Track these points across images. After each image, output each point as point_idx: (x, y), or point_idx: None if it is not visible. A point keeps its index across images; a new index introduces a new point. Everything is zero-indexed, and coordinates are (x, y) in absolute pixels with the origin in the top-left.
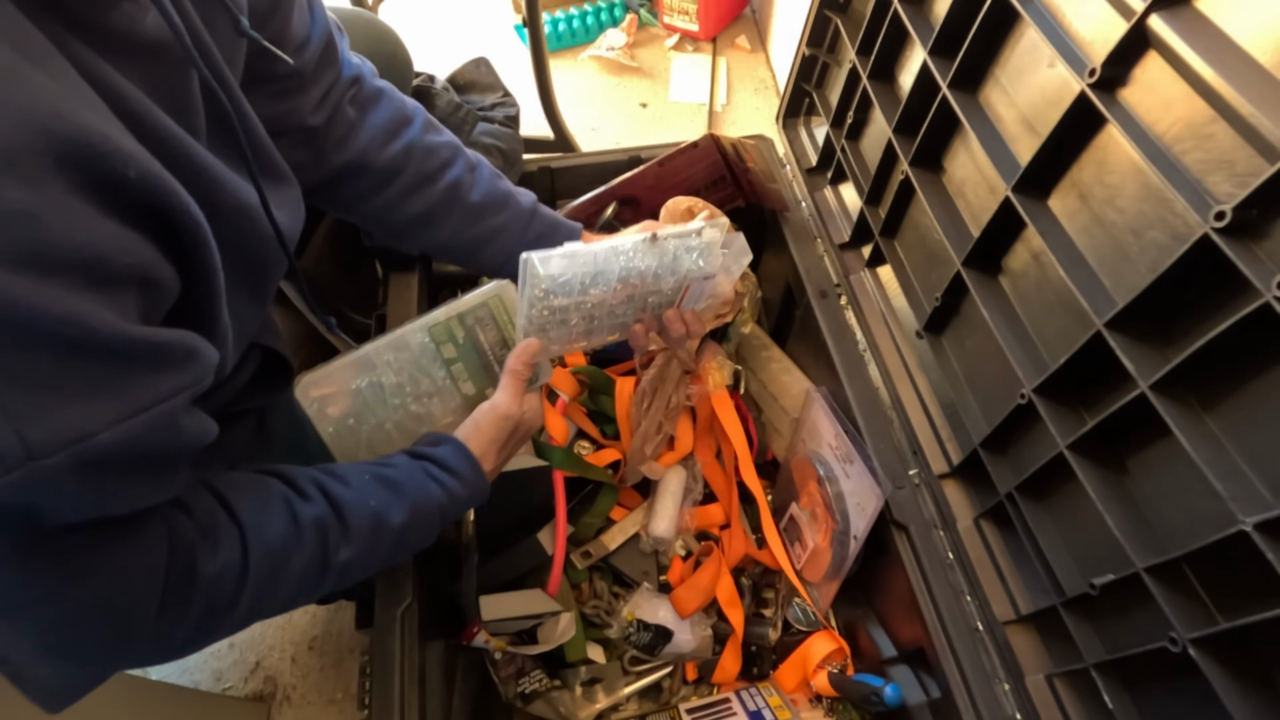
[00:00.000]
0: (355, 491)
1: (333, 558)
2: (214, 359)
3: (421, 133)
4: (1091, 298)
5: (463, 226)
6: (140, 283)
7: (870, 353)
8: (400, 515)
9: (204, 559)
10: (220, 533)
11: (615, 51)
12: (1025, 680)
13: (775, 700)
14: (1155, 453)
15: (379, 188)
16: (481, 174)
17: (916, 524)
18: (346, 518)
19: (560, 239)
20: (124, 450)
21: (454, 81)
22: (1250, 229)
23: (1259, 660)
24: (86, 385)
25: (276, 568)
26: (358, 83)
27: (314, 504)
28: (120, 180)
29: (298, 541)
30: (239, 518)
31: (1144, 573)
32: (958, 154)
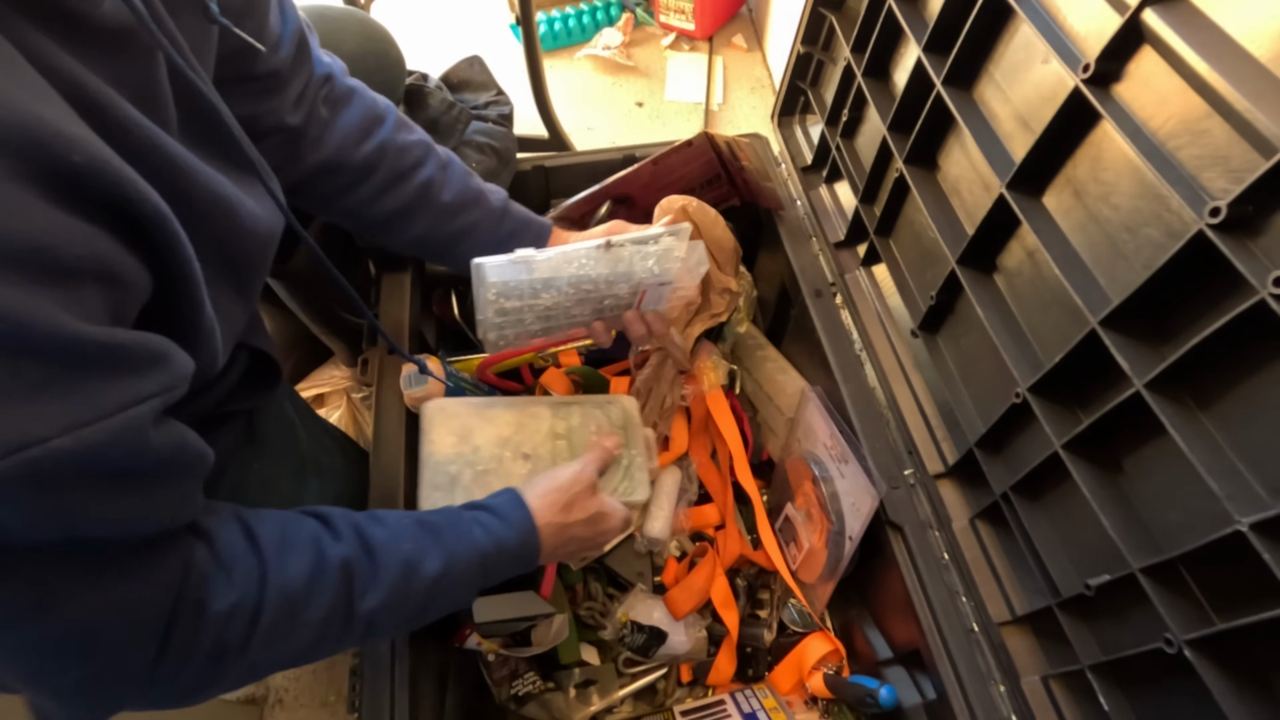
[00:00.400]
0: (390, 533)
1: (358, 604)
2: (187, 366)
3: (394, 131)
4: (1086, 296)
5: (435, 224)
6: (99, 278)
7: (865, 352)
8: (435, 564)
9: (216, 594)
10: (237, 567)
11: (611, 50)
12: (1021, 682)
13: (770, 702)
14: (1151, 452)
15: (353, 186)
16: (453, 172)
17: (911, 524)
18: (377, 560)
19: (531, 236)
20: (86, 461)
21: (447, 80)
22: (1246, 225)
23: (1256, 661)
24: (28, 387)
25: (295, 610)
26: (329, 81)
27: (344, 544)
28: (66, 167)
29: (320, 583)
30: (261, 552)
31: (1139, 573)
32: (952, 151)
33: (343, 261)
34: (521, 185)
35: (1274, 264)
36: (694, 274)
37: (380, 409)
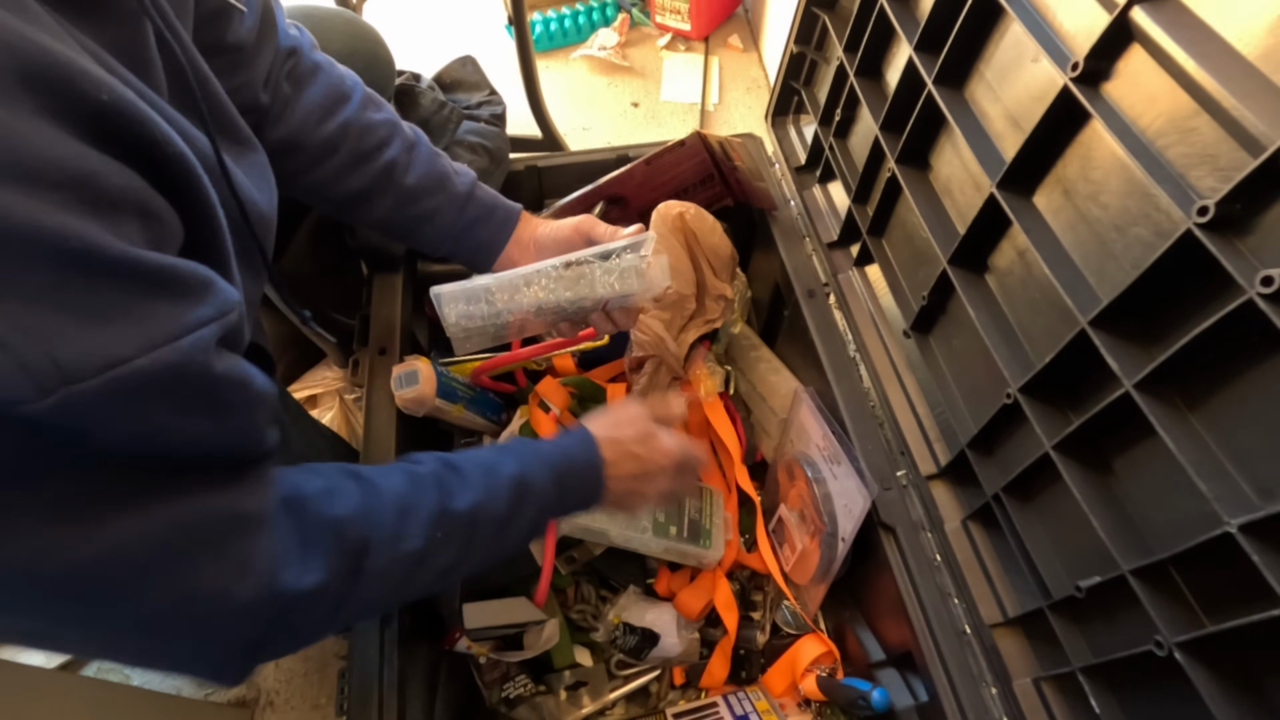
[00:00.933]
0: (465, 454)
1: (454, 501)
2: (234, 294)
3: (359, 110)
4: (1076, 295)
5: (397, 207)
6: (139, 212)
7: (858, 352)
8: (512, 465)
9: (332, 504)
10: (342, 485)
11: (607, 51)
12: (1012, 684)
13: (763, 705)
14: (1140, 453)
15: (313, 165)
16: (419, 154)
17: (904, 525)
18: (460, 467)
19: (496, 223)
20: (164, 380)
21: (440, 80)
22: (1234, 224)
23: (1245, 664)
24: (107, 309)
25: (404, 511)
26: (294, 55)
27: (427, 464)
28: (95, 105)
29: (419, 489)
30: (359, 474)
31: (1129, 575)
32: (944, 151)
33: (335, 261)
34: (515, 185)
35: (1262, 263)
36: (654, 290)
37: (371, 410)
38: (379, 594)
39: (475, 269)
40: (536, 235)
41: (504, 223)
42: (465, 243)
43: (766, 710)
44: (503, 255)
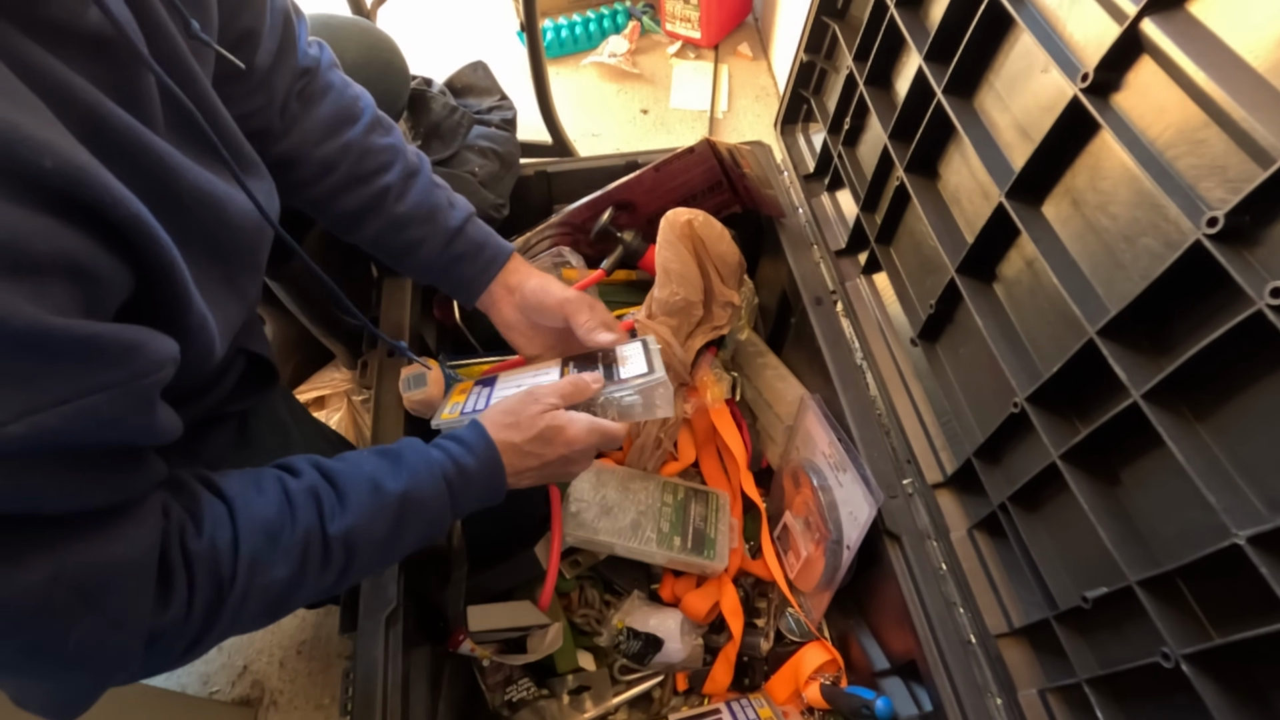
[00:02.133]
0: (350, 464)
1: (330, 525)
2: (165, 352)
3: (364, 133)
4: (1084, 305)
5: (386, 233)
6: (69, 273)
7: (865, 360)
8: (398, 481)
9: (191, 537)
10: (208, 510)
11: (617, 58)
12: (1018, 695)
13: (766, 712)
14: (1148, 463)
15: (309, 182)
16: (417, 183)
17: (909, 534)
18: (340, 484)
19: (482, 263)
20: (36, 445)
21: (451, 85)
22: (1243, 236)
23: (1253, 677)
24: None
25: (272, 537)
26: (308, 75)
27: (304, 477)
28: (34, 170)
29: (290, 511)
30: (225, 495)
31: (1137, 586)
32: (953, 160)
33: (344, 264)
34: (525, 190)
35: (1271, 275)
36: (655, 416)
37: (379, 411)
38: (248, 618)
39: (459, 302)
40: (523, 287)
41: (489, 263)
42: (448, 277)
43: (769, 717)
44: (486, 295)
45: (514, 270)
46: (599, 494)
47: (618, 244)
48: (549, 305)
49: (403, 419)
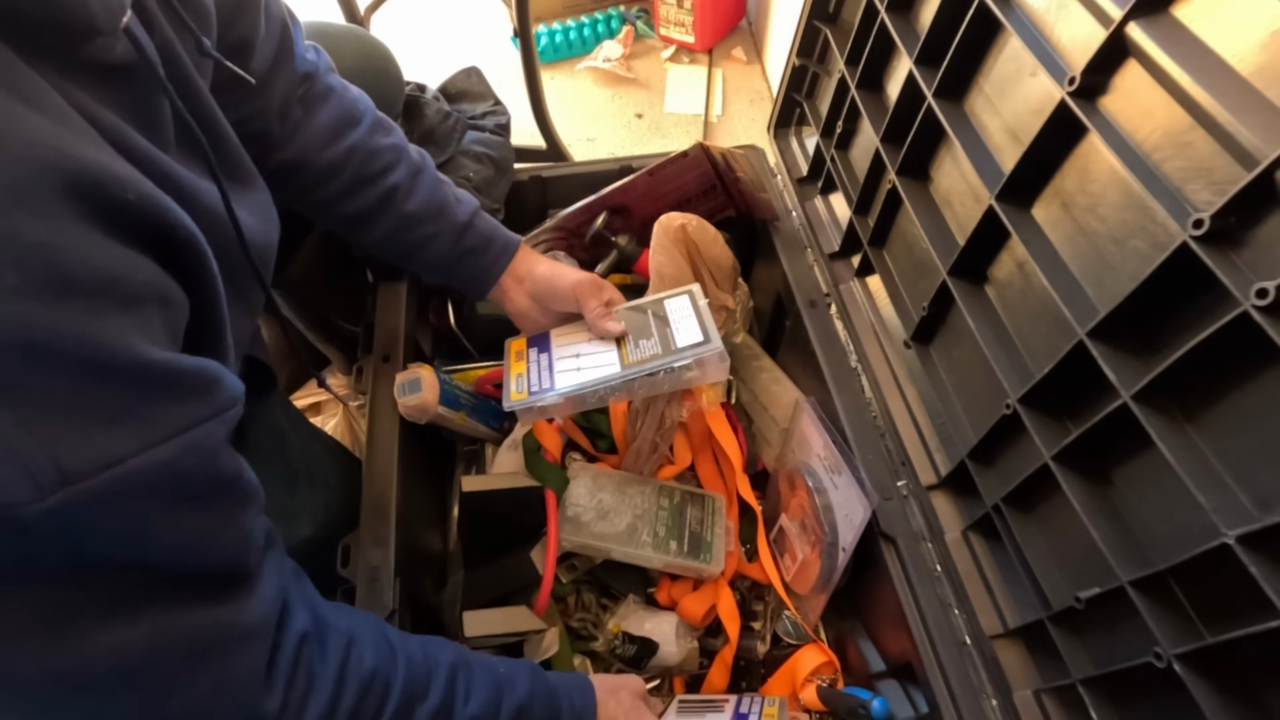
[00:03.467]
0: (485, 657)
1: (459, 709)
2: (238, 388)
3: (367, 135)
4: (1074, 307)
5: (395, 231)
6: (159, 302)
7: (859, 363)
8: (523, 690)
9: (357, 656)
10: (377, 639)
11: (611, 63)
12: (1013, 696)
13: (772, 710)
14: (1139, 464)
15: (317, 185)
16: (423, 180)
17: (904, 536)
18: (475, 670)
19: (491, 255)
20: (156, 478)
21: (445, 91)
22: (1229, 237)
23: (1244, 675)
24: (113, 411)
25: (415, 695)
26: (308, 80)
27: (447, 650)
28: (121, 204)
29: (436, 672)
30: (389, 634)
31: (1129, 586)
32: (944, 163)
33: (339, 270)
34: (519, 195)
35: (1257, 276)
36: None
37: (374, 416)
38: None
39: (469, 297)
40: (533, 275)
41: (499, 255)
42: (459, 272)
43: (773, 716)
44: (497, 287)
45: (522, 259)
46: (595, 498)
47: (612, 248)
48: (561, 290)
49: (398, 424)
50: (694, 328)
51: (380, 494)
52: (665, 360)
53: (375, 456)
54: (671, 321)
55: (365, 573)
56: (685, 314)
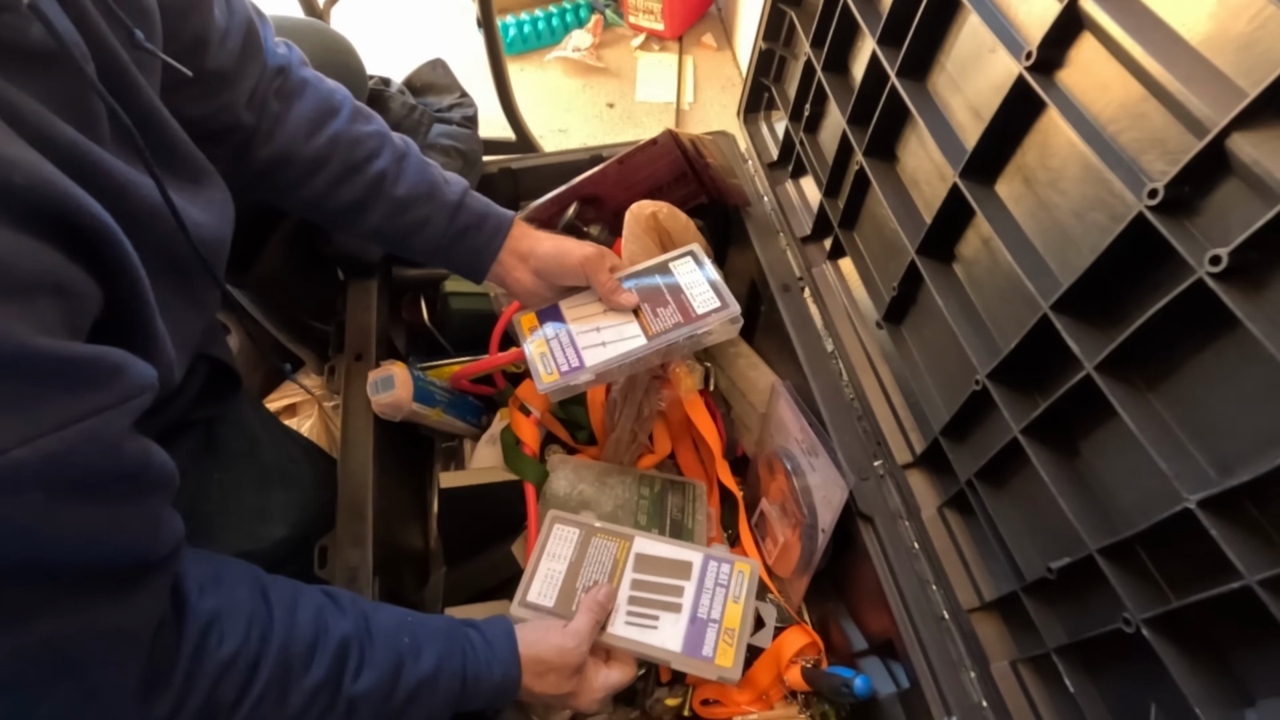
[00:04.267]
0: (393, 623)
1: (348, 684)
2: (147, 377)
3: (348, 123)
4: (1038, 281)
5: (389, 217)
6: (52, 291)
7: (833, 345)
8: (427, 664)
9: (223, 638)
10: (245, 615)
11: (581, 53)
12: (990, 667)
13: (744, 565)
14: (1104, 434)
15: (305, 179)
16: (409, 164)
17: (881, 515)
18: (376, 645)
19: (487, 232)
20: (43, 472)
21: (410, 84)
22: (1183, 206)
23: (1210, 638)
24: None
25: (290, 674)
26: (283, 73)
27: (348, 620)
28: (6, 187)
29: (320, 650)
30: (273, 606)
31: (1097, 554)
32: (910, 143)
33: (309, 269)
34: (489, 188)
35: (1211, 243)
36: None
37: (347, 415)
38: None
39: (468, 278)
40: (536, 252)
41: (495, 232)
42: (456, 252)
43: (745, 572)
44: (497, 264)
45: (522, 237)
46: (576, 489)
47: (583, 238)
48: (570, 266)
49: (372, 423)
50: (708, 293)
51: (356, 493)
52: (689, 329)
53: (350, 456)
54: (684, 286)
55: (343, 573)
56: (695, 277)
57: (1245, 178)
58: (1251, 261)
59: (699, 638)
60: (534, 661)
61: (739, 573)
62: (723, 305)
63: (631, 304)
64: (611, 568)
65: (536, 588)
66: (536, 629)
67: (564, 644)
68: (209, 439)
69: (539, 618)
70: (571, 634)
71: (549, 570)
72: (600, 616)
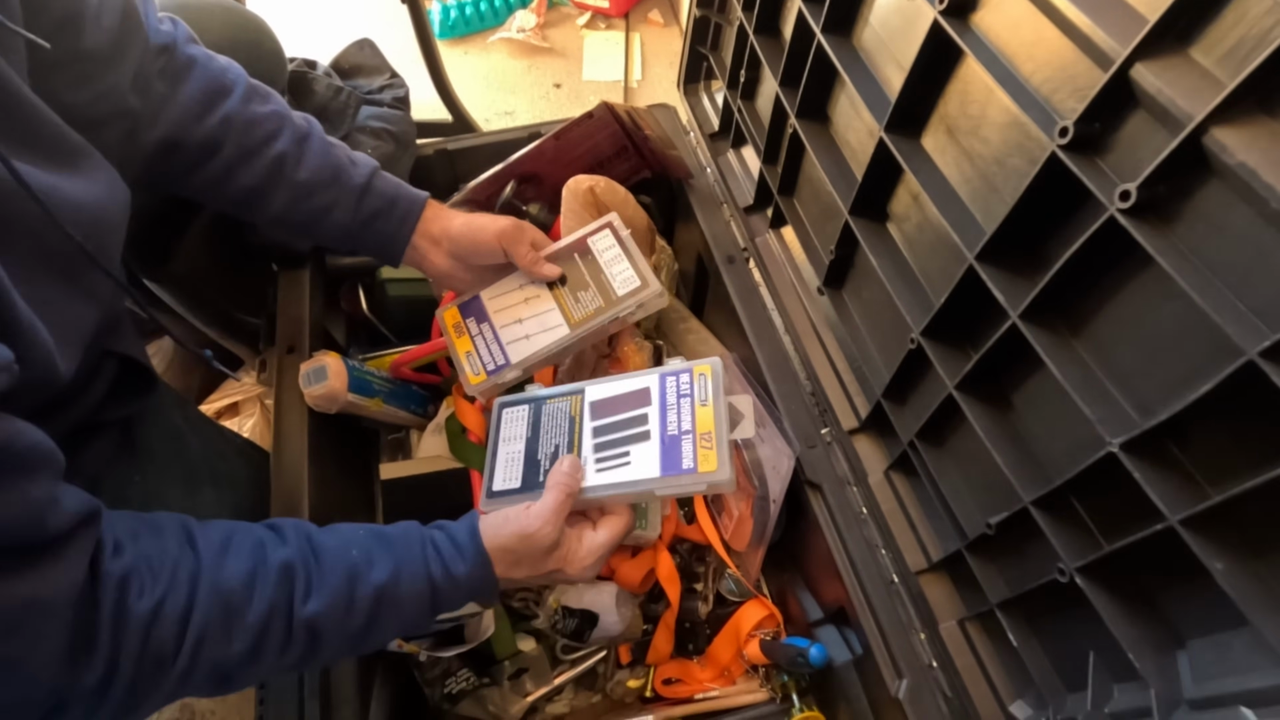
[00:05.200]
0: (340, 540)
1: (299, 608)
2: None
3: (242, 103)
4: (964, 233)
5: (291, 203)
6: None
7: (779, 315)
8: (382, 572)
9: (141, 594)
10: (166, 567)
11: (525, 33)
12: (939, 627)
13: (704, 369)
14: (1033, 385)
15: (198, 164)
16: (311, 146)
17: (829, 481)
18: (322, 564)
19: (398, 216)
20: None
21: (337, 66)
22: (1094, 143)
23: (1141, 584)
24: None
25: (231, 611)
26: (167, 51)
27: (289, 547)
28: None
29: (260, 583)
30: (199, 553)
31: (1031, 506)
32: (839, 102)
33: (234, 261)
34: (426, 170)
35: (1122, 179)
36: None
37: (280, 409)
38: (194, 689)
39: (383, 263)
40: (451, 232)
41: (406, 215)
42: (366, 238)
43: (706, 375)
44: (411, 249)
45: (434, 218)
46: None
47: (523, 217)
48: (485, 242)
49: (306, 416)
50: (628, 271)
51: (290, 489)
52: (611, 312)
53: (283, 450)
54: (603, 264)
55: None
56: (614, 254)
57: (1150, 109)
58: (1160, 196)
59: (675, 454)
60: (503, 552)
61: (700, 376)
62: (643, 284)
63: (553, 275)
64: (569, 427)
65: (500, 475)
66: (498, 518)
67: (527, 528)
68: (128, 440)
69: (509, 504)
70: (535, 516)
71: (508, 454)
72: (568, 488)
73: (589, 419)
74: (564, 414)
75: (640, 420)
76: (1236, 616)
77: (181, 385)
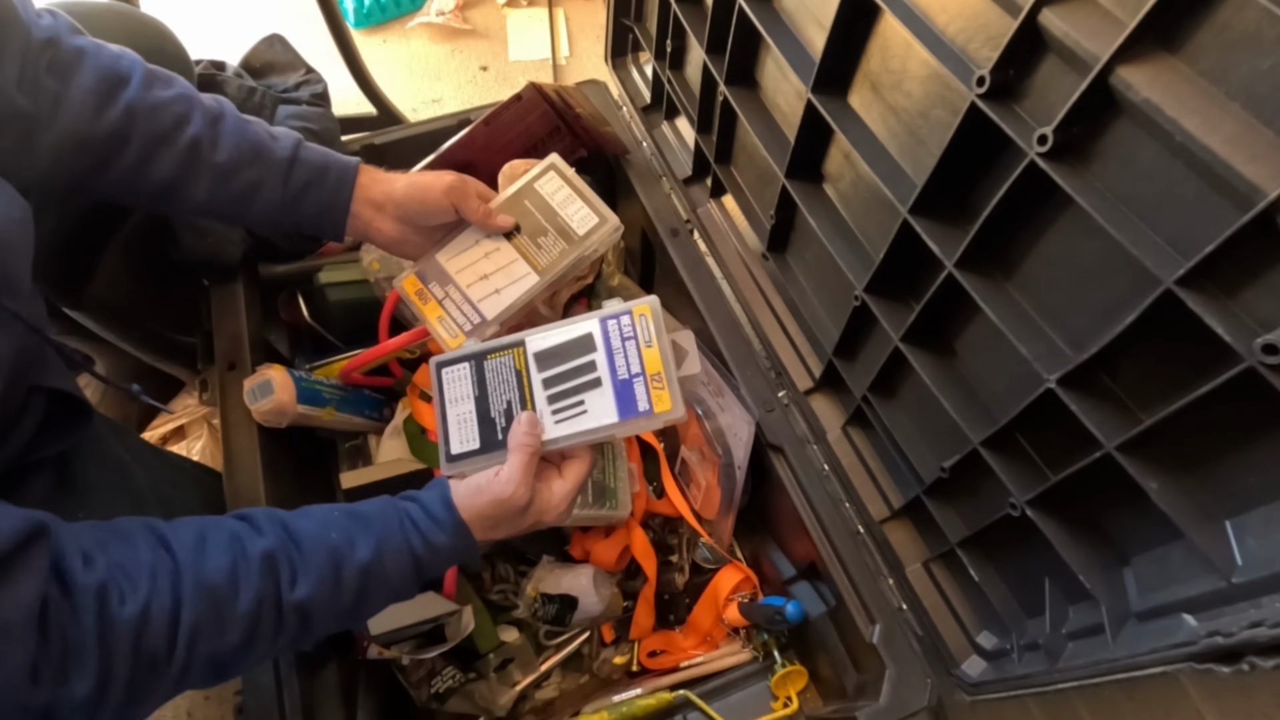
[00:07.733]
0: (316, 524)
1: (287, 594)
2: None
3: (143, 90)
4: (895, 187)
5: (216, 187)
6: None
7: (727, 283)
8: (365, 552)
9: (124, 600)
10: (145, 572)
11: (445, 16)
12: (905, 571)
13: (643, 309)
14: (973, 330)
15: (106, 162)
16: (225, 126)
17: (790, 443)
18: (304, 550)
19: (331, 184)
20: None
21: (248, 65)
22: (1010, 90)
23: (1086, 510)
24: None
25: (220, 605)
26: (52, 45)
27: (267, 537)
28: None
29: (244, 575)
30: (175, 553)
31: (980, 447)
32: (767, 67)
33: (158, 280)
34: None
35: (1039, 124)
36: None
37: (228, 429)
38: (193, 683)
39: (326, 237)
40: (395, 196)
41: (340, 183)
42: (302, 211)
43: (646, 315)
44: (353, 218)
45: (372, 184)
46: None
47: None
48: (434, 200)
49: (256, 433)
50: (583, 210)
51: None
52: (575, 253)
53: (235, 470)
54: (556, 207)
55: None
56: (565, 195)
57: (1060, 53)
58: (1075, 137)
59: (630, 397)
60: (480, 519)
61: (640, 316)
62: (601, 220)
63: (508, 226)
64: (517, 380)
65: (455, 437)
66: (470, 487)
67: (500, 494)
68: (65, 476)
69: (472, 467)
70: (506, 481)
71: (459, 415)
72: (531, 447)
73: (536, 371)
74: (509, 368)
75: (589, 368)
76: (1172, 531)
77: (119, 414)
